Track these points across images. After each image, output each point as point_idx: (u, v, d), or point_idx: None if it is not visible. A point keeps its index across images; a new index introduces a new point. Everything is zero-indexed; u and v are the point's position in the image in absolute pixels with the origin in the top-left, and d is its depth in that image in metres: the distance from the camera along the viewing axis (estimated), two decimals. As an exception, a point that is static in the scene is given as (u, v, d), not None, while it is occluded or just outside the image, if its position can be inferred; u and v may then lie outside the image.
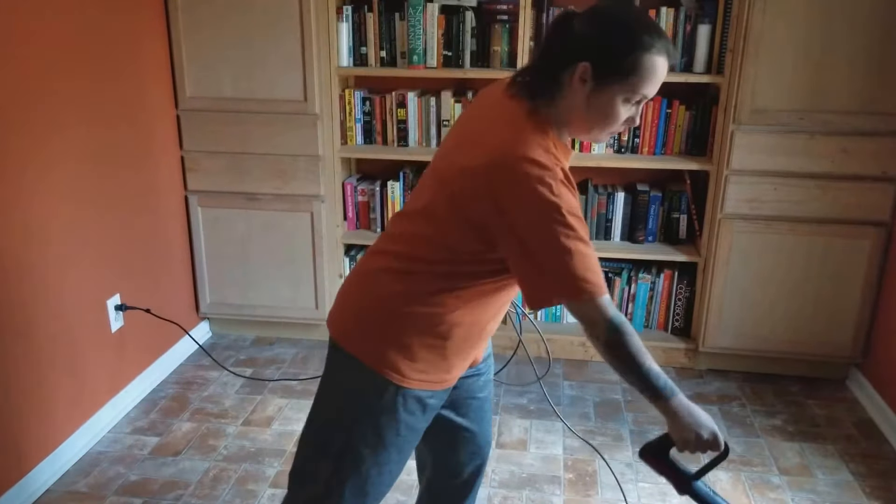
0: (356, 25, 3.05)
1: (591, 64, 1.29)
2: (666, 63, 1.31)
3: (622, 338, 1.32)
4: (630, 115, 1.35)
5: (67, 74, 2.39)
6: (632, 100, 1.33)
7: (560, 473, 2.47)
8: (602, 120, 1.35)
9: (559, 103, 1.35)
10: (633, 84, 1.30)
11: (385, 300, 1.44)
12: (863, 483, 2.43)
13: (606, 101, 1.32)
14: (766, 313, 2.98)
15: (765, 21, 2.64)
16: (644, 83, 1.30)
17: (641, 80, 1.29)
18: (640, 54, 1.28)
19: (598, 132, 1.39)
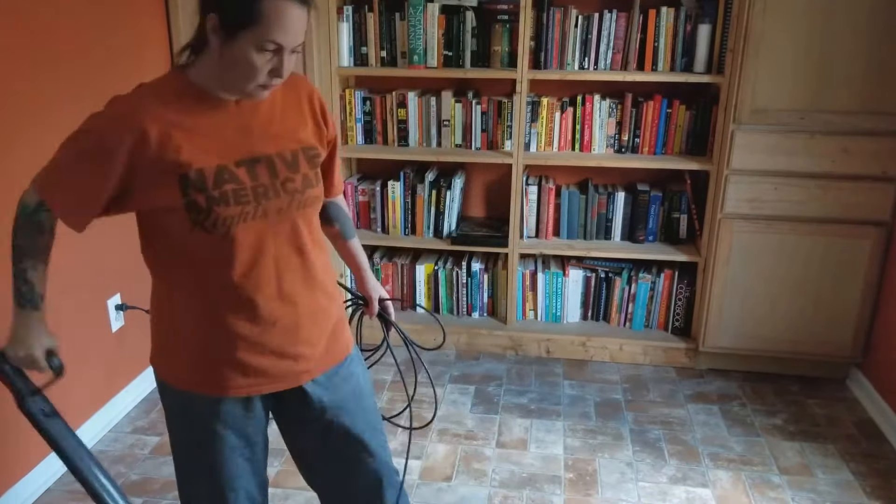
0: (356, 25, 3.05)
1: (217, 14, 1.24)
2: (299, 8, 1.24)
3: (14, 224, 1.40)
4: (273, 66, 1.27)
5: (68, 75, 2.39)
6: (265, 48, 1.24)
7: (560, 473, 2.47)
8: (237, 72, 1.27)
9: (203, 61, 1.32)
10: (261, 32, 1.22)
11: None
12: (863, 482, 2.43)
13: (238, 53, 1.25)
14: (767, 313, 2.98)
15: (765, 21, 2.65)
16: (272, 29, 1.22)
17: (269, 25, 1.22)
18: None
19: (241, 85, 1.29)
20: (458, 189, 3.28)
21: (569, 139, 3.11)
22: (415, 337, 3.27)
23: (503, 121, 3.10)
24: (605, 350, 3.22)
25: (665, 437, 2.68)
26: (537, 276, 3.26)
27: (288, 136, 1.40)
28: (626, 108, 3.03)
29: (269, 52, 1.25)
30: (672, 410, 2.85)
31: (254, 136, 1.36)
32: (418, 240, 3.27)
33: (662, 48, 2.92)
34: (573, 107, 3.07)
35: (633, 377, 3.10)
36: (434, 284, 3.34)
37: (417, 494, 2.35)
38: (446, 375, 3.10)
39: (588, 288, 3.28)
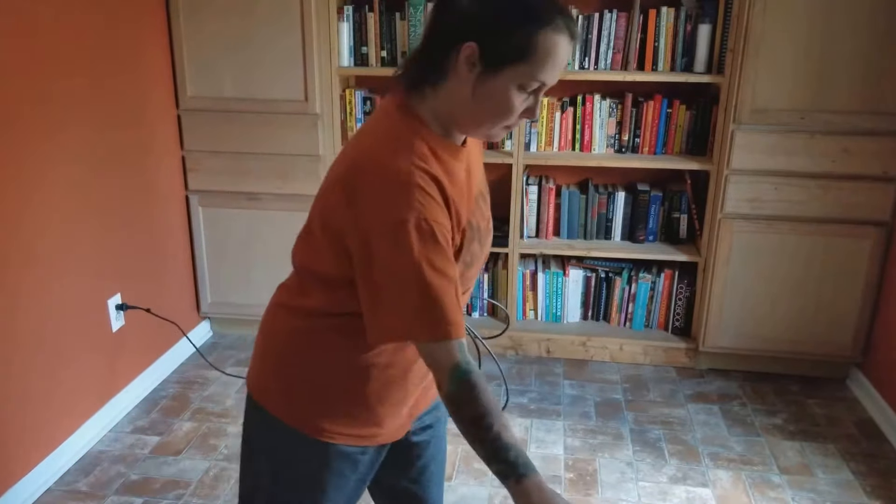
0: (357, 25, 3.05)
1: (477, 44, 1.07)
2: (569, 44, 1.10)
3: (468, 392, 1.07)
4: (528, 105, 1.13)
5: (68, 75, 2.39)
6: (528, 87, 1.10)
7: (561, 473, 2.47)
8: (493, 111, 1.12)
9: (440, 94, 1.13)
10: (529, 67, 1.08)
11: (283, 339, 1.27)
12: (863, 482, 2.44)
13: (498, 89, 1.09)
14: (767, 313, 2.98)
15: (765, 21, 2.65)
16: (542, 67, 1.08)
17: (539, 62, 1.08)
18: (536, 31, 1.07)
19: (490, 126, 1.15)
20: (459, 189, 3.27)
21: (569, 139, 3.11)
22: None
23: (503, 121, 3.09)
24: (605, 350, 3.22)
25: (665, 436, 2.68)
26: (537, 276, 3.26)
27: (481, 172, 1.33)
28: (626, 108, 3.03)
29: (531, 91, 1.11)
30: (672, 410, 2.85)
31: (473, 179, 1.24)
32: (418, 240, 3.26)
33: (663, 48, 2.92)
34: (573, 107, 3.07)
35: (633, 377, 3.10)
36: (434, 284, 3.33)
37: (418, 494, 2.36)
38: (446, 375, 3.09)
39: (588, 288, 3.28)
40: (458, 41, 1.08)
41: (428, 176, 1.09)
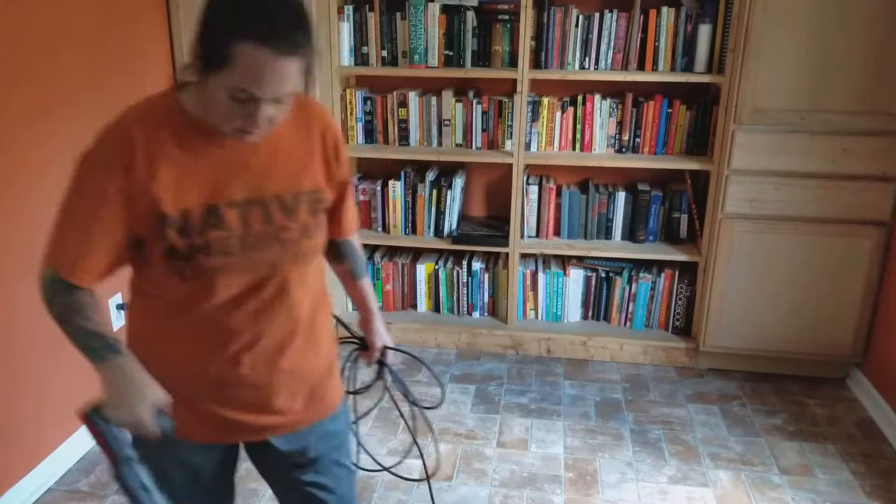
0: (357, 25, 3.05)
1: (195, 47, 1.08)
2: (272, 57, 1.03)
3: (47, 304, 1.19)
4: (247, 114, 1.09)
5: (68, 74, 2.39)
6: (237, 97, 1.07)
7: (561, 472, 2.48)
8: (214, 115, 1.14)
9: (198, 89, 1.15)
10: (231, 77, 1.04)
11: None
12: (863, 482, 2.44)
13: (212, 95, 1.09)
14: (767, 313, 2.98)
15: (765, 21, 2.65)
16: (243, 78, 1.04)
17: (240, 73, 1.04)
18: (231, 42, 1.02)
19: (224, 126, 1.14)
20: (459, 188, 3.28)
21: (569, 139, 3.12)
22: (415, 336, 3.30)
23: (504, 120, 3.10)
24: (605, 350, 3.22)
25: (665, 436, 2.68)
26: (538, 276, 3.26)
27: (291, 176, 1.25)
28: (626, 108, 3.03)
29: (242, 101, 1.08)
30: (672, 410, 2.85)
31: (251, 175, 1.21)
32: (419, 239, 3.27)
33: (663, 48, 2.92)
34: (574, 106, 3.07)
35: (633, 377, 3.11)
36: (435, 284, 3.34)
37: (418, 494, 2.36)
38: (447, 375, 3.10)
39: (588, 287, 3.28)
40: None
41: (123, 134, 1.15)
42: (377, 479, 2.41)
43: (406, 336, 3.32)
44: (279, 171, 1.24)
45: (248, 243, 1.21)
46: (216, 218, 1.18)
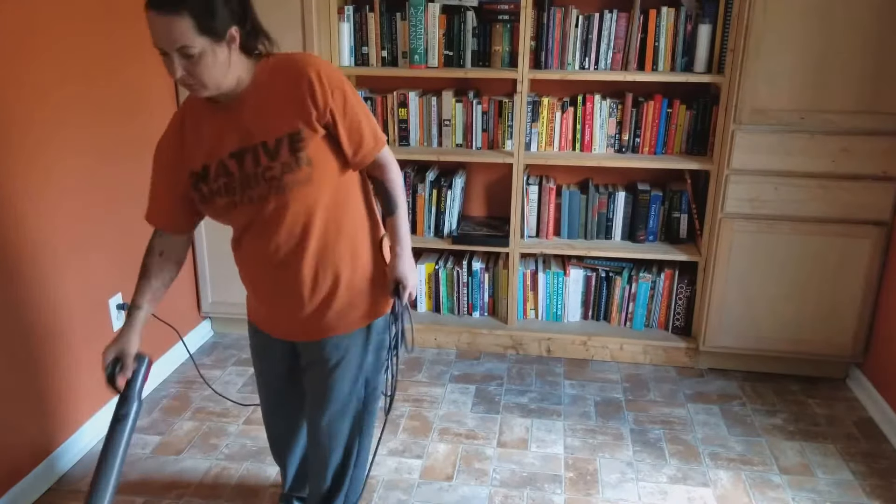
0: (357, 25, 3.05)
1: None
2: (154, 14, 1.36)
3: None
4: (169, 67, 1.43)
5: (68, 73, 2.39)
6: (161, 55, 1.43)
7: (561, 472, 2.48)
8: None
9: None
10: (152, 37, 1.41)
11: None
12: (863, 482, 2.44)
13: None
14: (767, 312, 2.99)
15: (765, 21, 2.65)
16: (152, 38, 1.40)
17: (151, 33, 1.40)
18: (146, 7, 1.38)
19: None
20: (459, 188, 3.28)
21: (569, 139, 3.12)
22: (415, 336, 3.30)
23: (504, 120, 3.10)
24: (605, 349, 3.22)
25: (665, 436, 2.68)
26: (538, 276, 3.26)
27: (273, 124, 1.52)
28: (626, 108, 3.03)
29: (164, 57, 1.42)
30: (672, 410, 2.85)
31: (243, 129, 1.53)
32: (419, 239, 3.27)
33: (663, 48, 2.92)
34: (574, 107, 3.07)
35: (633, 376, 3.11)
36: (435, 284, 3.34)
37: (418, 494, 2.36)
38: (447, 375, 3.10)
39: (589, 287, 3.28)
40: None
41: (175, 114, 1.64)
42: (377, 479, 2.42)
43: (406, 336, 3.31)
44: (263, 122, 1.53)
45: (244, 182, 1.55)
46: (222, 168, 1.55)
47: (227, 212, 1.60)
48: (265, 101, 1.52)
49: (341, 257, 1.67)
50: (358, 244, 1.70)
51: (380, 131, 1.66)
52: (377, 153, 1.66)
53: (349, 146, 1.60)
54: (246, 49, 1.51)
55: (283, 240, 1.60)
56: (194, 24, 1.36)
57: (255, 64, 1.54)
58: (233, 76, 1.49)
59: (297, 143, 1.52)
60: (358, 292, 1.72)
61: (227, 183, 1.56)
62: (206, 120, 1.56)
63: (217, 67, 1.43)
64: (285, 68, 1.53)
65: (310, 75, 1.51)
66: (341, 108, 1.55)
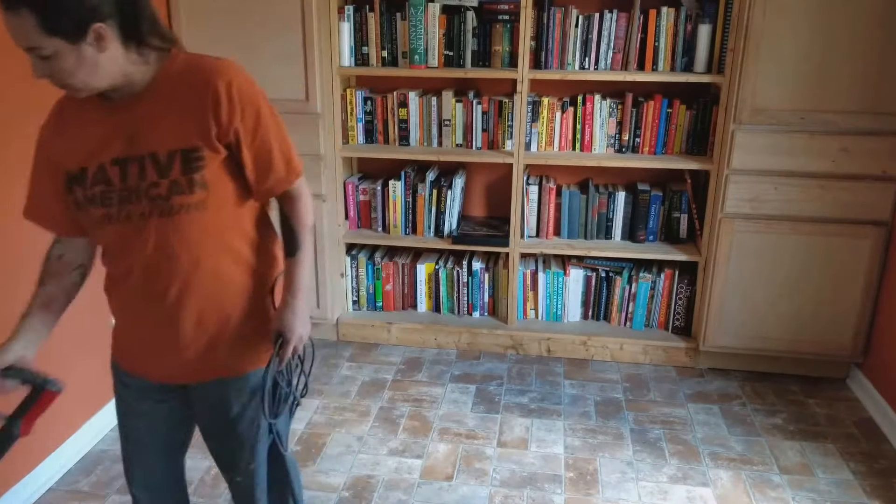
0: (357, 25, 3.05)
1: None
2: (5, 14, 1.20)
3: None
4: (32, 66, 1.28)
5: (70, 74, 2.39)
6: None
7: (561, 472, 2.48)
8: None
9: None
10: None
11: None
12: (863, 482, 2.44)
13: None
14: (767, 312, 2.99)
15: (765, 21, 2.65)
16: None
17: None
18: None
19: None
20: (459, 188, 3.28)
21: (569, 139, 3.12)
22: (415, 336, 3.30)
23: (504, 120, 3.10)
24: (605, 349, 3.23)
25: (665, 436, 2.68)
26: (538, 276, 3.26)
27: (167, 135, 1.32)
28: (626, 108, 3.04)
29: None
30: (672, 410, 2.86)
31: (132, 134, 1.33)
32: (419, 239, 3.27)
33: (663, 48, 2.92)
34: (574, 106, 3.07)
35: (633, 376, 3.11)
36: (435, 284, 3.34)
37: (418, 493, 2.36)
38: (447, 375, 3.10)
39: (588, 287, 3.28)
40: None
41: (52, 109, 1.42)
42: (377, 479, 2.42)
43: (406, 336, 3.32)
44: (156, 130, 1.33)
45: (123, 196, 1.34)
46: (101, 174, 1.34)
47: (101, 226, 1.38)
48: (163, 106, 1.33)
49: (234, 294, 1.46)
50: (256, 279, 1.48)
51: (296, 160, 1.44)
52: (287, 186, 1.45)
53: (253, 173, 1.39)
54: (136, 44, 1.30)
55: (165, 268, 1.38)
56: (39, 24, 1.19)
57: (158, 61, 1.34)
58: (107, 75, 1.28)
59: (192, 163, 1.32)
60: (243, 337, 1.50)
61: (104, 192, 1.34)
62: (92, 114, 1.35)
63: (83, 68, 1.25)
64: (192, 73, 1.34)
65: (217, 86, 1.32)
66: (250, 130, 1.35)
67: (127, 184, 1.33)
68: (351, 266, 3.35)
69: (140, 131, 1.33)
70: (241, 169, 1.39)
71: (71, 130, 1.37)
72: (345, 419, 2.76)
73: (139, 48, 1.31)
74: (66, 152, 1.37)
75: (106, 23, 1.24)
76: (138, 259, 1.39)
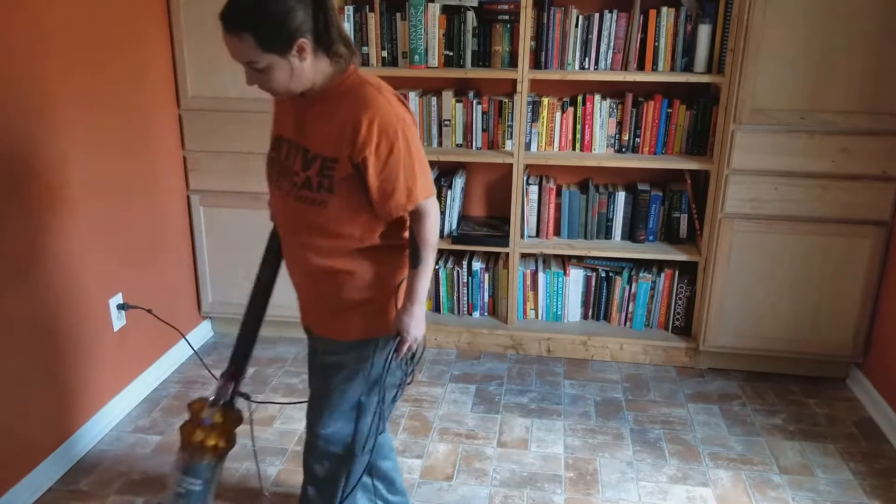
0: (357, 25, 3.05)
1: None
2: (225, 35, 1.48)
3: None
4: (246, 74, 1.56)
5: (68, 74, 2.39)
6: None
7: (561, 472, 2.48)
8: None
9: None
10: None
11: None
12: (863, 482, 2.44)
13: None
14: (767, 312, 2.99)
15: (765, 21, 2.65)
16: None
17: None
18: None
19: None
20: (459, 188, 3.28)
21: (569, 139, 3.12)
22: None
23: (504, 120, 3.10)
24: (605, 349, 3.23)
25: (665, 436, 2.68)
26: (538, 276, 3.26)
27: (321, 140, 1.59)
28: (626, 108, 3.04)
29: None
30: (672, 410, 2.86)
31: (303, 127, 1.62)
32: (419, 239, 3.27)
33: (663, 48, 2.93)
34: (574, 107, 3.07)
35: (633, 376, 3.11)
36: (435, 284, 3.34)
37: (418, 493, 2.36)
38: (447, 375, 3.10)
39: (589, 287, 3.28)
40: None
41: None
42: (377, 479, 2.41)
43: (406, 336, 3.32)
44: (314, 132, 1.60)
45: (280, 168, 1.67)
46: (278, 143, 1.69)
47: (269, 181, 1.73)
48: (326, 117, 1.59)
49: (338, 283, 1.69)
50: (362, 276, 1.70)
51: (418, 192, 1.61)
52: (404, 211, 1.63)
53: (377, 195, 1.60)
54: (327, 53, 1.55)
55: (292, 236, 1.71)
56: (257, 43, 1.45)
57: (336, 72, 1.59)
58: (304, 81, 1.55)
59: (326, 169, 1.58)
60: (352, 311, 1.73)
61: (273, 159, 1.70)
62: (286, 104, 1.68)
63: (285, 76, 1.52)
64: (353, 99, 1.56)
65: (361, 118, 1.53)
66: (382, 160, 1.56)
67: (286, 161, 1.65)
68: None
69: (306, 128, 1.61)
70: (367, 188, 1.60)
71: (280, 107, 1.71)
72: (345, 419, 2.76)
73: (328, 55, 1.55)
74: (276, 119, 1.73)
75: (306, 37, 1.49)
76: (281, 221, 1.74)
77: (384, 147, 1.55)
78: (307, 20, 1.48)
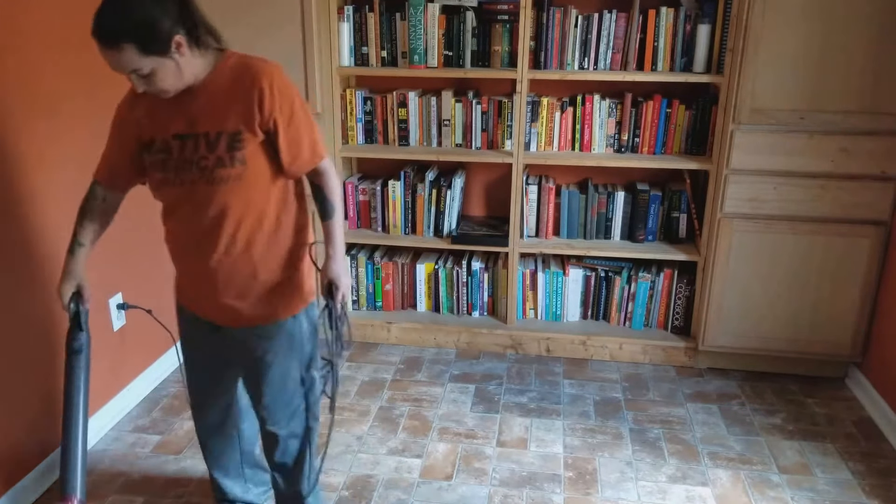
0: (357, 25, 3.05)
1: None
2: (103, 51, 1.53)
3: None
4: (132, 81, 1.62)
5: (69, 75, 2.39)
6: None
7: (560, 472, 2.48)
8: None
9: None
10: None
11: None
12: (862, 482, 2.44)
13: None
14: (766, 312, 2.99)
15: (764, 21, 2.65)
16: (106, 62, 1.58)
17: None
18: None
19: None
20: (459, 188, 3.28)
21: (569, 139, 3.12)
22: (415, 336, 3.30)
23: (503, 120, 3.11)
24: (604, 349, 3.23)
25: (664, 436, 2.69)
26: (537, 276, 3.27)
27: (218, 120, 1.65)
28: (625, 108, 3.04)
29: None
30: (672, 409, 2.86)
31: (192, 116, 1.66)
32: (419, 239, 3.27)
33: (662, 48, 2.93)
34: (573, 106, 3.08)
35: (632, 376, 3.11)
36: (434, 284, 3.35)
37: (418, 493, 2.36)
38: (446, 374, 3.10)
39: (588, 287, 3.28)
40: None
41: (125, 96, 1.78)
42: (377, 479, 2.42)
43: (406, 336, 3.32)
44: (210, 115, 1.65)
45: (179, 165, 1.68)
46: (164, 144, 1.69)
47: (161, 187, 1.73)
48: (217, 97, 1.65)
49: (262, 254, 1.76)
50: (282, 245, 1.80)
51: (320, 146, 1.77)
52: (312, 166, 1.77)
53: (286, 156, 1.71)
54: (199, 46, 1.62)
55: (206, 227, 1.71)
56: (139, 50, 1.51)
57: (214, 58, 1.67)
58: (189, 75, 1.62)
59: (235, 143, 1.65)
60: (273, 290, 1.81)
61: (164, 160, 1.69)
62: (156, 102, 1.68)
63: (171, 74, 1.58)
64: (242, 71, 1.66)
65: (262, 84, 1.64)
66: (286, 120, 1.67)
67: (183, 155, 1.67)
68: (351, 266, 3.35)
69: (197, 115, 1.65)
70: (276, 151, 1.69)
71: (147, 107, 1.69)
72: (344, 419, 2.76)
73: (200, 48, 1.62)
74: (139, 126, 1.71)
75: (180, 33, 1.55)
76: (187, 218, 1.73)
77: (286, 107, 1.67)
78: (177, 18, 1.55)
